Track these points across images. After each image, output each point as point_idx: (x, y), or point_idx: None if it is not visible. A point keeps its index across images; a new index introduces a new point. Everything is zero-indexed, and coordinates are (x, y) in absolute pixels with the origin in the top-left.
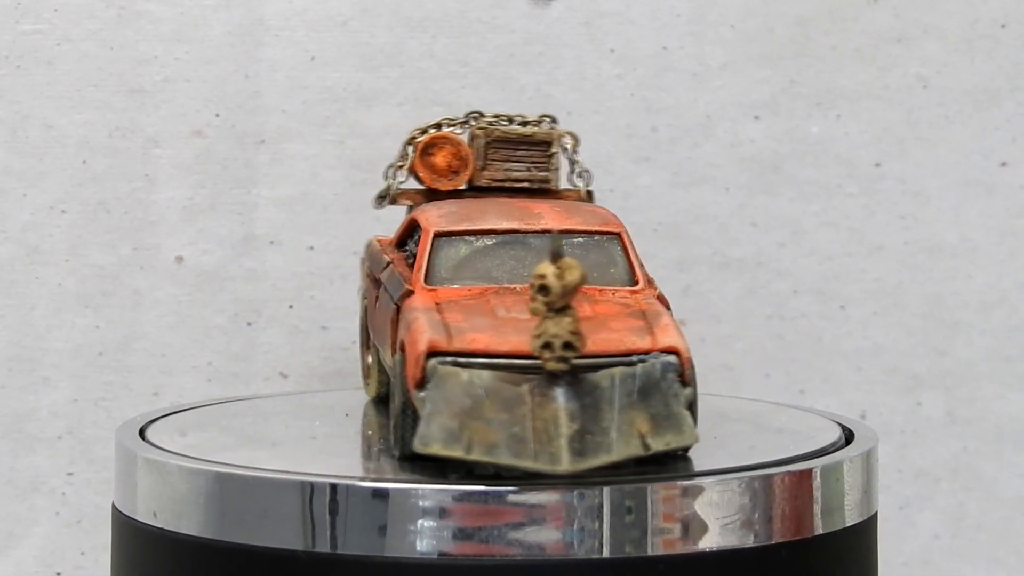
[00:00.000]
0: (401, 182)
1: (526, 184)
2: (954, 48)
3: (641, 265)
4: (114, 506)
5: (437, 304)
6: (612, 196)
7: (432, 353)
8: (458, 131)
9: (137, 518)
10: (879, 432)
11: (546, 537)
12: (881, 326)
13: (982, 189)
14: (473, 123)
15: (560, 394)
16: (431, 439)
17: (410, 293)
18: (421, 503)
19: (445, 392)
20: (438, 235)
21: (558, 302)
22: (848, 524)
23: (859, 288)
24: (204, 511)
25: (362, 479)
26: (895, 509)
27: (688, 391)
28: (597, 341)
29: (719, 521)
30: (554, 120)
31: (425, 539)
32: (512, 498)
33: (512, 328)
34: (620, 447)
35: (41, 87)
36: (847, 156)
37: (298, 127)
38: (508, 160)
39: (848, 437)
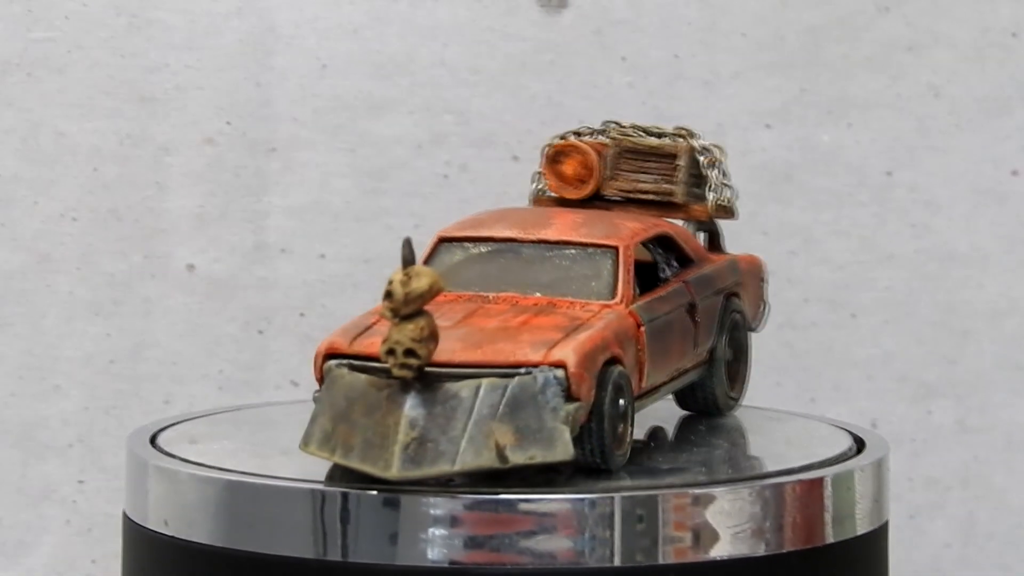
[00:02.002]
0: (541, 188)
1: (652, 196)
2: (965, 57)
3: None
4: (125, 514)
5: None
6: None
7: (332, 355)
8: (602, 139)
9: (148, 526)
10: (889, 440)
11: (557, 545)
12: (892, 335)
13: (993, 198)
14: (608, 132)
15: (406, 401)
16: (311, 439)
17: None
18: (432, 511)
19: (331, 394)
20: (441, 240)
21: (402, 309)
22: (859, 533)
23: (870, 297)
24: (215, 519)
25: (373, 487)
26: (906, 518)
27: (571, 407)
28: (487, 351)
29: (730, 530)
30: (691, 133)
31: (436, 547)
32: (523, 506)
33: None
34: (468, 457)
35: (52, 95)
36: (858, 165)
37: (309, 135)
38: (638, 171)
39: (859, 446)
